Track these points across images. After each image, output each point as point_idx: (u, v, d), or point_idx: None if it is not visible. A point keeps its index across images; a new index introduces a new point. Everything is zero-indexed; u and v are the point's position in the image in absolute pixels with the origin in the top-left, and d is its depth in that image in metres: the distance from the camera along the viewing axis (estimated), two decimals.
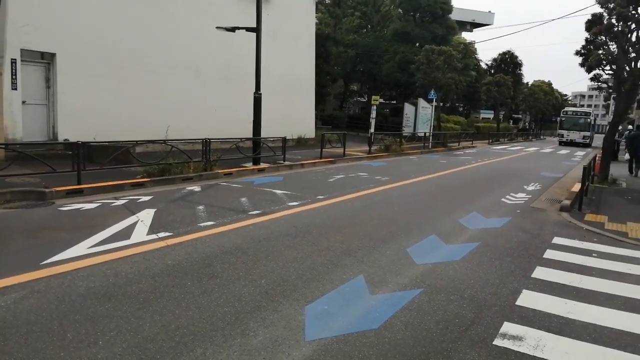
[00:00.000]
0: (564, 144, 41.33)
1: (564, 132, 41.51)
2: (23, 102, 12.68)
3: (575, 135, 40.63)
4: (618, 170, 17.43)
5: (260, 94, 13.93)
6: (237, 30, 14.20)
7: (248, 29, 14.03)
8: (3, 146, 10.30)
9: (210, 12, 17.49)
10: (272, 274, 5.14)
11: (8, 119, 12.19)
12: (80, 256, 5.39)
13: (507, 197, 11.23)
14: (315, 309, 4.32)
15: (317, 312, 4.24)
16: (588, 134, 40.79)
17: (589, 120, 41.45)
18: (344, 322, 4.08)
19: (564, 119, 42.32)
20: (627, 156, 19.05)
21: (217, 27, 14.62)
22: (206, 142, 12.11)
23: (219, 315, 4.08)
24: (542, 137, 60.57)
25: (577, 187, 11.44)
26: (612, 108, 31.22)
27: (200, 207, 8.29)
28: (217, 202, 8.82)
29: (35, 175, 9.30)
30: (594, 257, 6.56)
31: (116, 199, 8.71)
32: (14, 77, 12.34)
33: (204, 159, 12.06)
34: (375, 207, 9.18)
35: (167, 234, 6.51)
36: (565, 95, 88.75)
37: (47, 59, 13.41)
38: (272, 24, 20.08)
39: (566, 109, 47.52)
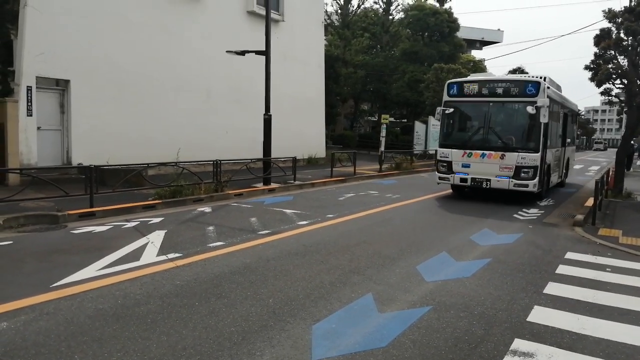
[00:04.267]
0: (463, 192, 13.98)
1: (453, 153, 12.76)
2: (38, 128, 12.94)
3: (491, 169, 12.14)
4: (633, 183, 17.19)
5: (270, 115, 14.06)
6: (247, 54, 14.42)
7: (258, 52, 14.24)
8: (18, 171, 10.48)
9: (220, 36, 17.80)
10: (280, 293, 5.12)
11: (23, 144, 12.42)
12: (90, 278, 5.44)
13: (520, 212, 11.11)
14: (322, 327, 4.28)
15: (325, 331, 4.21)
16: (534, 158, 11.74)
17: (532, 111, 11.44)
18: (351, 341, 4.04)
19: (450, 110, 13.01)
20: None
21: (227, 51, 14.86)
22: (217, 164, 12.21)
23: (226, 335, 4.07)
24: None
25: (590, 201, 11.30)
26: (625, 122, 23.70)
27: (210, 228, 8.32)
28: (227, 223, 8.86)
29: (49, 199, 9.44)
30: (608, 271, 6.45)
31: (127, 221, 8.79)
32: (29, 103, 12.61)
33: (214, 180, 12.15)
34: (385, 225, 9.14)
35: (177, 255, 6.53)
36: (578, 110, 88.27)
37: (61, 86, 13.71)
38: (282, 46, 20.36)
39: (470, 77, 13.94)
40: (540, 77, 12.66)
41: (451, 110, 12.96)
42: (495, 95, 12.17)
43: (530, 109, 11.36)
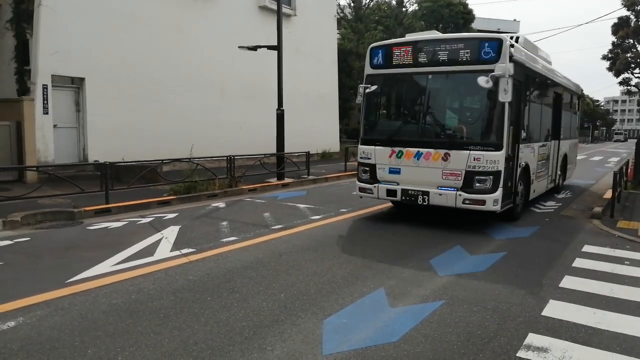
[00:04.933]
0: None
1: (377, 152, 8.65)
2: (54, 126, 13.10)
3: (430, 176, 8.12)
4: None
5: (283, 110, 14.06)
6: (259, 49, 14.42)
7: (269, 47, 14.23)
8: (35, 169, 10.63)
9: (232, 32, 17.80)
10: (291, 288, 5.12)
11: (40, 142, 12.60)
12: (104, 274, 5.50)
13: (536, 205, 10.95)
14: (333, 322, 4.27)
15: (336, 326, 4.20)
16: (494, 158, 7.68)
17: (486, 84, 7.41)
18: (362, 336, 4.02)
19: (372, 88, 8.92)
20: None
21: (239, 47, 14.87)
22: (230, 159, 12.25)
23: (237, 330, 4.08)
24: None
25: (609, 193, 11.10)
26: None
27: (224, 223, 8.36)
28: (240, 218, 8.89)
29: (66, 196, 9.56)
30: (627, 264, 6.32)
31: (142, 217, 8.87)
32: (45, 101, 12.78)
33: (228, 175, 12.20)
34: (398, 219, 9.09)
35: (190, 250, 6.57)
36: (597, 100, 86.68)
37: (76, 84, 13.86)
38: (295, 41, 20.32)
39: (403, 38, 9.12)
40: (512, 37, 8.86)
41: (374, 88, 8.90)
42: (437, 64, 8.15)
43: (483, 81, 7.35)
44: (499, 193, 7.70)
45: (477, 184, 7.72)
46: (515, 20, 63.24)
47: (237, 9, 18.64)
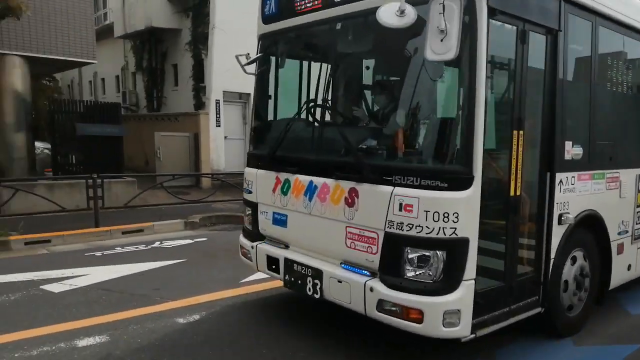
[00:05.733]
0: None
1: (259, 180, 4.54)
2: (225, 137, 14.42)
3: (325, 235, 3.74)
4: None
5: None
6: None
7: None
8: (209, 176, 11.75)
9: None
10: None
11: (213, 152, 13.95)
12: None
13: None
14: (506, 354, 3.94)
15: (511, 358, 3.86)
16: (447, 206, 3.05)
17: (401, 23, 2.87)
18: None
19: (257, 59, 4.90)
20: None
21: None
22: None
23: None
24: None
25: None
26: None
27: None
28: None
29: (235, 202, 10.40)
30: None
31: None
32: (218, 115, 14.13)
33: None
34: None
35: None
36: None
37: (243, 99, 15.08)
38: None
39: None
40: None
41: (258, 56, 5.01)
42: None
43: (387, 14, 2.93)
44: (459, 294, 3.13)
45: (409, 267, 3.24)
46: None
47: None
